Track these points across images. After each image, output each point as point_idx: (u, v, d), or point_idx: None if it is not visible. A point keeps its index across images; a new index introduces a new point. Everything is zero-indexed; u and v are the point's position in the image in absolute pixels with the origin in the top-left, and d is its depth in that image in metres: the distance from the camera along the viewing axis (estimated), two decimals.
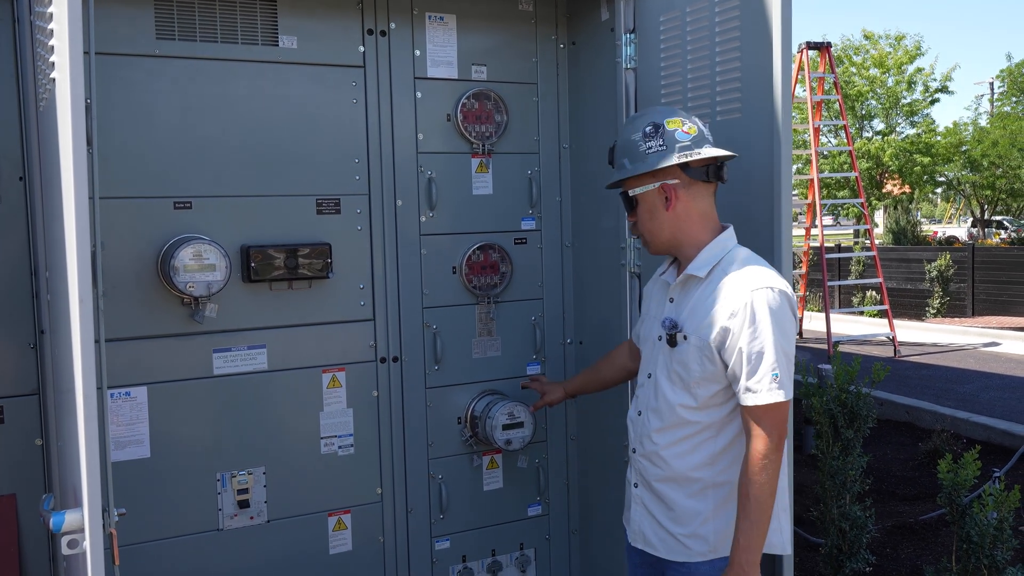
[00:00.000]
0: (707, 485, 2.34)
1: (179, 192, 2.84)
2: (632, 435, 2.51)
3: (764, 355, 2.19)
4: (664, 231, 2.38)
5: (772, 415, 2.20)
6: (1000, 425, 7.05)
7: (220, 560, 2.96)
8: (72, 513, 1.71)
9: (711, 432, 2.32)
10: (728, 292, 2.24)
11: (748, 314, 2.19)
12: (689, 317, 2.32)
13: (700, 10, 2.81)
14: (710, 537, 2.34)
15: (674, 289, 2.42)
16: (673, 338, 2.34)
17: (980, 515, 3.49)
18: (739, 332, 2.20)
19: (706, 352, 2.26)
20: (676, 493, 2.37)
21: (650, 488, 2.43)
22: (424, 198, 3.22)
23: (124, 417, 2.80)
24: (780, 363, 2.20)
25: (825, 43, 11.07)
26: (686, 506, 2.35)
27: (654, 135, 2.35)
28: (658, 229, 2.39)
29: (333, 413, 3.12)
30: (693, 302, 2.32)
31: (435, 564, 3.33)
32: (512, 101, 3.35)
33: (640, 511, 2.47)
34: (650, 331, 2.50)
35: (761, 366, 2.19)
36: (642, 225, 2.41)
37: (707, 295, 2.29)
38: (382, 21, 3.12)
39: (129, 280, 2.78)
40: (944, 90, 29.29)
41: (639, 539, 2.47)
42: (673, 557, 2.38)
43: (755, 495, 2.18)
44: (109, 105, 2.71)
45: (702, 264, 2.33)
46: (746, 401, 2.22)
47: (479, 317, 3.36)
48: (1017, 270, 15.10)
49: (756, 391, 2.19)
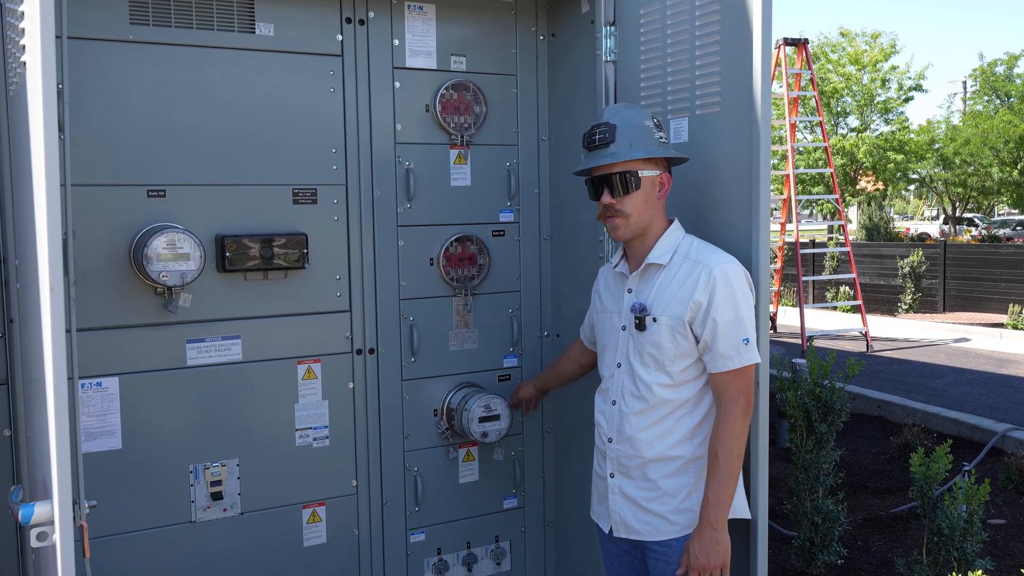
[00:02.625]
0: (687, 460, 2.49)
1: (153, 180, 2.80)
2: (605, 427, 2.61)
3: (735, 323, 2.38)
4: (646, 217, 2.50)
5: (743, 379, 2.40)
6: (970, 420, 7.14)
7: (193, 553, 2.93)
8: (42, 505, 1.68)
9: (687, 408, 2.48)
10: (694, 270, 2.43)
11: (716, 287, 2.38)
12: (656, 300, 2.47)
13: (680, 3, 2.80)
14: (694, 508, 2.47)
15: (633, 279, 2.56)
16: (642, 321, 2.48)
17: (951, 508, 3.53)
18: (709, 304, 2.38)
19: (679, 329, 2.42)
20: (658, 473, 2.49)
21: (629, 475, 2.54)
22: (402, 189, 3.20)
23: (95, 408, 2.76)
24: (749, 329, 2.40)
25: (802, 39, 11.13)
26: (669, 484, 2.48)
27: (661, 127, 2.54)
28: (646, 214, 2.50)
29: (308, 405, 3.09)
30: (656, 287, 2.49)
31: (410, 557, 3.32)
32: (491, 92, 3.33)
33: (619, 500, 2.57)
34: (610, 323, 2.63)
35: (733, 333, 2.37)
36: (633, 208, 2.48)
37: (671, 278, 2.47)
38: (360, 10, 3.09)
39: (101, 269, 2.73)
40: (918, 88, 29.57)
41: (621, 528, 2.57)
42: (658, 537, 2.50)
43: (724, 457, 2.36)
44: (81, 90, 2.67)
45: (664, 252, 2.51)
46: (719, 367, 2.40)
47: (456, 309, 3.34)
48: (987, 267, 15.29)
49: (729, 356, 2.38)
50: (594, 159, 2.51)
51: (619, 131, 2.47)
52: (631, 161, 2.47)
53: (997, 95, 28.93)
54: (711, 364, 2.42)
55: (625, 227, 2.51)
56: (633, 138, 2.47)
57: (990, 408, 7.83)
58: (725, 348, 2.38)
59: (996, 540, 4.90)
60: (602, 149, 2.49)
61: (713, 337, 2.39)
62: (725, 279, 2.39)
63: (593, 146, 2.51)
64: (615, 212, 2.50)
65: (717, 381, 2.42)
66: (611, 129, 2.48)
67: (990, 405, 7.99)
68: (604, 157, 2.48)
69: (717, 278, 2.39)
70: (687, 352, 2.44)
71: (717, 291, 2.38)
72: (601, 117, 2.55)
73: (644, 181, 2.48)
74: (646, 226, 2.51)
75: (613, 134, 2.48)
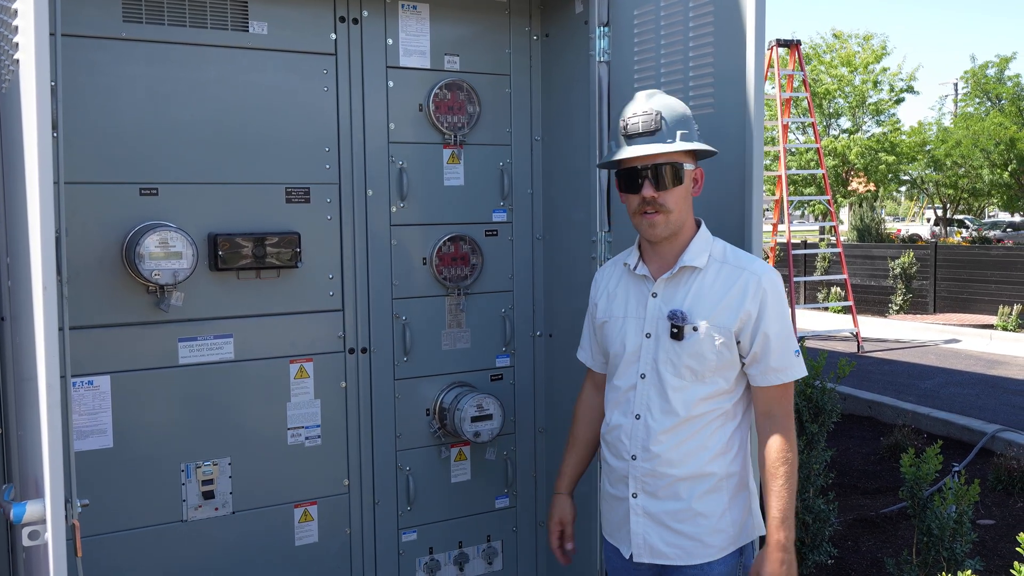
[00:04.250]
0: (721, 477, 2.31)
1: (145, 178, 2.80)
2: (627, 443, 2.37)
3: (786, 334, 2.26)
4: (684, 215, 2.31)
5: (790, 392, 2.29)
6: (960, 420, 7.18)
7: (184, 552, 2.93)
8: (33, 504, 1.68)
9: (720, 422, 2.31)
10: (739, 278, 2.27)
11: (767, 297, 2.24)
12: (694, 307, 2.28)
13: (674, 5, 2.81)
14: (729, 529, 2.32)
15: (660, 283, 2.34)
16: (681, 331, 2.27)
17: (940, 508, 3.54)
18: (760, 315, 2.24)
19: (723, 340, 2.25)
20: (690, 492, 2.30)
21: (656, 496, 2.33)
22: (395, 188, 3.20)
23: (87, 406, 2.75)
24: (795, 341, 2.29)
25: (795, 41, 11.17)
26: (703, 504, 2.30)
27: (694, 120, 2.35)
28: (684, 211, 2.31)
29: (300, 404, 3.09)
30: (692, 292, 2.29)
31: (402, 556, 3.32)
32: (485, 92, 3.33)
33: (643, 522, 2.35)
34: (627, 330, 2.39)
35: (785, 345, 2.25)
36: (675, 203, 2.28)
37: (709, 283, 2.29)
38: (355, 9, 3.09)
39: (93, 267, 2.73)
40: (909, 90, 29.70)
41: (645, 552, 2.36)
42: (691, 561, 2.32)
43: (788, 473, 2.24)
44: (74, 88, 2.66)
45: (699, 253, 2.31)
46: (770, 381, 2.26)
47: (449, 309, 3.34)
48: (978, 268, 15.36)
49: (781, 369, 2.25)
50: (637, 148, 2.27)
51: (666, 118, 2.26)
52: (677, 152, 2.26)
53: (988, 97, 29.05)
54: (760, 378, 2.27)
55: (665, 224, 2.28)
56: (679, 127, 2.27)
57: (980, 409, 7.87)
58: (777, 361, 2.24)
59: (985, 540, 4.92)
60: (647, 137, 2.26)
61: (765, 350, 2.24)
62: (774, 288, 2.26)
63: (636, 133, 2.27)
64: (657, 207, 2.27)
65: (767, 395, 2.28)
66: (656, 115, 2.25)
67: (980, 406, 8.03)
68: (650, 147, 2.24)
69: (767, 288, 2.25)
70: (730, 364, 2.28)
71: (768, 301, 2.24)
72: (638, 103, 2.31)
73: (687, 175, 2.30)
74: (682, 224, 2.31)
75: (659, 121, 2.25)
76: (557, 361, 3.47)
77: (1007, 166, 27.03)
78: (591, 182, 3.17)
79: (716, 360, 2.26)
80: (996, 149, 26.47)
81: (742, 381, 2.32)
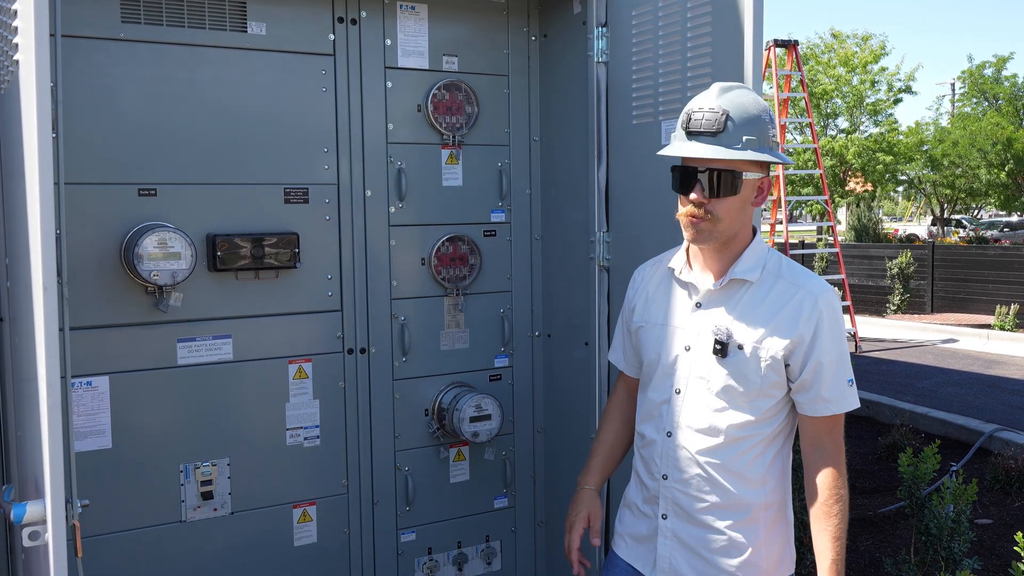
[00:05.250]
0: (758, 508, 2.14)
1: (144, 179, 2.80)
2: (658, 461, 2.21)
3: (840, 362, 2.08)
4: (736, 226, 2.10)
5: (841, 423, 2.12)
6: (957, 420, 7.19)
7: (183, 552, 2.93)
8: (34, 504, 1.68)
9: (760, 448, 2.13)
10: (793, 296, 2.08)
11: (823, 320, 2.06)
12: (742, 324, 2.10)
13: (672, 5, 2.81)
14: (762, 564, 2.16)
15: (707, 295, 2.16)
16: (725, 348, 2.09)
17: (938, 508, 3.55)
18: (814, 339, 2.06)
19: (771, 362, 2.07)
20: (725, 521, 2.13)
21: (690, 519, 2.16)
22: (393, 189, 3.20)
23: (85, 407, 2.75)
24: (850, 369, 2.11)
25: (792, 41, 11.17)
26: (738, 534, 2.13)
27: (772, 123, 2.09)
28: (738, 220, 2.09)
29: (299, 404, 3.09)
30: (741, 307, 2.11)
31: (400, 556, 3.32)
32: (483, 92, 3.33)
33: (672, 544, 2.19)
34: (665, 339, 2.21)
35: (838, 373, 2.07)
36: (726, 212, 2.06)
37: (760, 299, 2.10)
38: (353, 9, 3.09)
39: (91, 268, 2.73)
40: (907, 90, 29.71)
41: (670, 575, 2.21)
42: None
43: (841, 512, 2.12)
44: (72, 89, 2.66)
45: (752, 266, 2.12)
46: (820, 411, 2.09)
47: (447, 309, 3.35)
48: (975, 268, 15.38)
49: (832, 400, 2.08)
50: (694, 147, 2.05)
51: (733, 120, 2.02)
52: (737, 160, 2.03)
53: (985, 97, 29.07)
54: (808, 407, 2.09)
55: (710, 232, 2.07)
56: (747, 131, 2.02)
57: (977, 408, 7.88)
58: (830, 391, 2.06)
59: (983, 540, 4.93)
60: (706, 137, 2.03)
61: (816, 378, 2.06)
62: (832, 311, 2.07)
63: (696, 130, 2.04)
64: (704, 212, 2.06)
65: (815, 426, 2.10)
66: (722, 115, 2.02)
67: (977, 406, 8.04)
68: (707, 149, 2.03)
69: (823, 310, 2.06)
70: (776, 387, 2.10)
71: (824, 325, 2.05)
72: (708, 96, 2.07)
73: (746, 185, 2.06)
74: (733, 235, 2.10)
75: (724, 122, 2.02)
76: (556, 361, 3.47)
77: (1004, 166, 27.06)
78: (589, 182, 3.17)
79: (760, 383, 2.08)
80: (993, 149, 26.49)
81: (786, 405, 2.14)
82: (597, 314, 3.18)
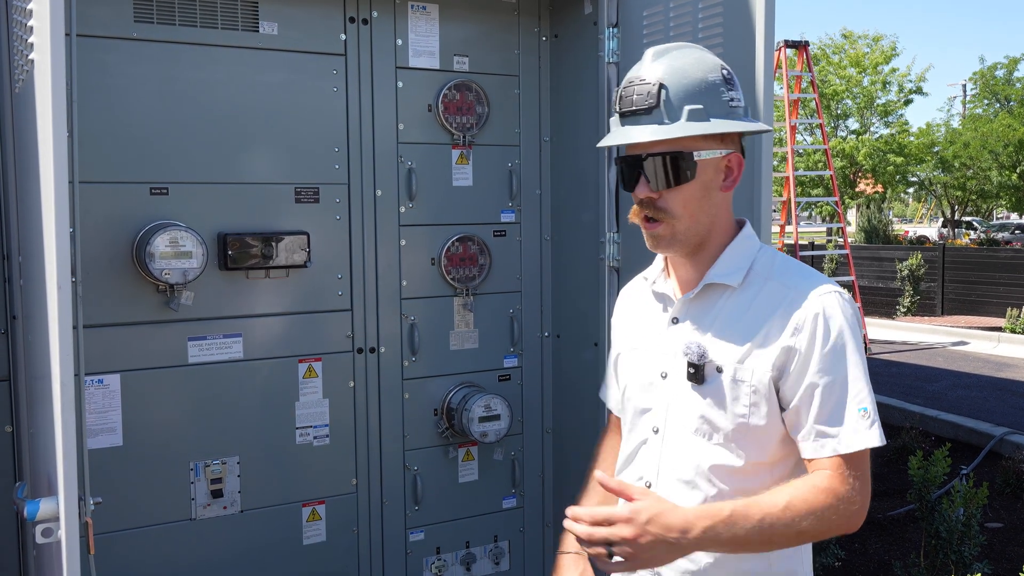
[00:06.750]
0: None
1: (156, 177, 2.81)
2: None
3: (846, 384, 1.58)
4: (703, 220, 1.68)
5: (857, 467, 1.57)
6: (967, 423, 7.16)
7: (192, 550, 2.94)
8: (47, 501, 1.69)
9: None
10: (782, 300, 1.64)
11: (819, 328, 1.59)
12: (721, 340, 1.66)
13: (684, 5, 2.81)
14: None
15: (682, 306, 1.75)
16: (699, 371, 1.66)
17: (949, 511, 3.54)
18: (808, 354, 1.59)
19: (757, 387, 1.62)
20: None
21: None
22: (404, 189, 3.21)
23: (96, 405, 2.76)
24: (866, 393, 1.59)
25: (803, 42, 11.15)
26: None
27: (732, 84, 1.67)
28: (703, 213, 1.68)
29: (309, 403, 3.10)
30: (723, 320, 1.68)
31: (409, 556, 3.33)
32: (493, 93, 3.34)
33: None
34: (641, 366, 1.81)
35: (840, 398, 1.58)
36: (683, 206, 1.66)
37: (744, 307, 1.67)
38: (364, 9, 3.10)
39: (103, 266, 2.74)
40: (918, 91, 29.58)
41: None
42: None
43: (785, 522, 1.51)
44: (85, 88, 2.67)
45: (732, 267, 1.70)
46: (820, 451, 1.59)
47: (457, 309, 3.35)
48: (986, 270, 15.32)
49: (836, 436, 1.57)
50: (626, 132, 1.66)
51: (669, 89, 1.61)
52: (684, 138, 1.62)
53: (997, 99, 28.95)
54: (804, 444, 1.61)
55: (671, 236, 1.67)
56: (688, 100, 1.61)
57: (988, 412, 7.85)
58: (828, 422, 1.58)
59: (993, 544, 4.91)
60: (640, 116, 1.64)
61: (809, 405, 1.59)
62: (834, 317, 1.60)
63: (628, 110, 1.65)
64: (656, 211, 1.67)
65: (822, 473, 1.58)
66: (655, 86, 1.62)
67: (988, 409, 8.01)
68: (640, 130, 1.63)
69: (821, 315, 1.60)
70: (768, 420, 1.63)
71: (819, 334, 1.59)
72: (641, 65, 1.68)
73: (702, 167, 1.64)
74: (703, 232, 1.69)
75: (657, 94, 1.61)
76: (565, 362, 3.47)
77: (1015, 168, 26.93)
78: (599, 183, 3.17)
79: (749, 415, 1.63)
80: (1005, 151, 26.37)
81: (792, 445, 1.67)
82: (606, 315, 3.17)
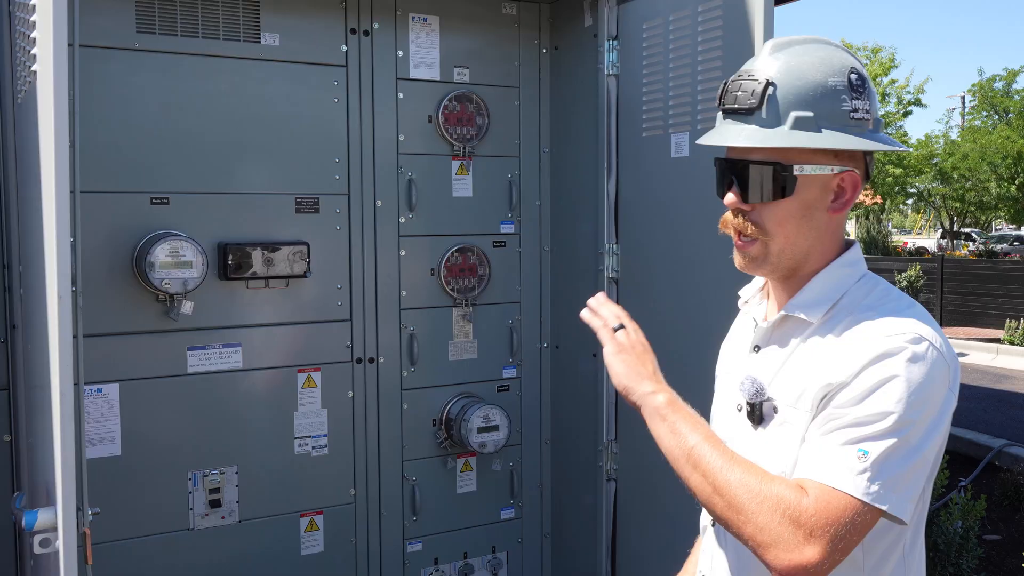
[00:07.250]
0: None
1: (156, 187, 2.81)
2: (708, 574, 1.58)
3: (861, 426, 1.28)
4: (805, 241, 1.43)
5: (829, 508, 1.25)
6: (966, 435, 7.15)
7: (190, 560, 2.93)
8: (45, 511, 1.69)
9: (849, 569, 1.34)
10: (854, 339, 1.35)
11: (869, 367, 1.30)
12: (785, 377, 1.43)
13: (683, 18, 2.82)
14: None
15: (762, 334, 1.52)
16: (756, 409, 1.43)
17: (947, 523, 3.54)
18: (844, 387, 1.32)
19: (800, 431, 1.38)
20: None
21: None
22: (404, 199, 3.22)
23: (95, 414, 2.76)
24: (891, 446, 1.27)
25: None
26: None
27: (861, 92, 1.40)
28: (802, 236, 1.43)
29: (307, 413, 3.10)
30: (791, 355, 1.44)
31: (407, 566, 3.32)
32: (494, 104, 3.35)
33: None
34: (724, 396, 1.59)
35: (848, 434, 1.29)
36: (777, 224, 1.42)
37: (818, 347, 1.40)
38: (365, 21, 3.11)
39: (103, 275, 2.74)
40: (917, 103, 29.67)
41: None
42: None
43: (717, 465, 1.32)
44: (87, 98, 2.67)
45: (814, 300, 1.44)
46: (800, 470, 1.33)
47: (456, 319, 3.35)
48: (985, 282, 15.32)
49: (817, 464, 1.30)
50: (721, 131, 1.45)
51: (778, 89, 1.38)
52: (787, 148, 1.38)
53: (996, 111, 29.01)
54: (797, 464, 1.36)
55: (763, 256, 1.44)
56: (799, 105, 1.37)
57: (986, 423, 7.84)
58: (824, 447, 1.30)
59: (991, 556, 4.90)
60: (741, 115, 1.41)
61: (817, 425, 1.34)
62: (895, 360, 1.29)
63: (731, 107, 1.43)
64: (745, 224, 1.44)
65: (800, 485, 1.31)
66: (762, 84, 1.38)
67: (986, 420, 8.00)
68: (736, 132, 1.41)
69: (879, 356, 1.30)
70: None
71: (868, 372, 1.30)
72: (758, 57, 1.44)
73: (804, 183, 1.39)
74: (800, 257, 1.44)
75: (762, 95, 1.38)
76: (563, 373, 3.47)
77: (1014, 179, 26.96)
78: (599, 194, 3.18)
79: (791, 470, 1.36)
80: (1003, 163, 26.40)
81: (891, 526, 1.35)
82: None
